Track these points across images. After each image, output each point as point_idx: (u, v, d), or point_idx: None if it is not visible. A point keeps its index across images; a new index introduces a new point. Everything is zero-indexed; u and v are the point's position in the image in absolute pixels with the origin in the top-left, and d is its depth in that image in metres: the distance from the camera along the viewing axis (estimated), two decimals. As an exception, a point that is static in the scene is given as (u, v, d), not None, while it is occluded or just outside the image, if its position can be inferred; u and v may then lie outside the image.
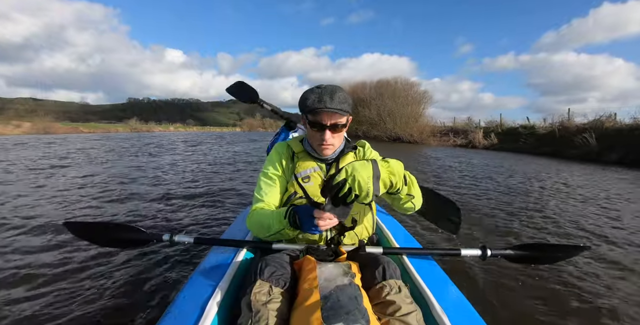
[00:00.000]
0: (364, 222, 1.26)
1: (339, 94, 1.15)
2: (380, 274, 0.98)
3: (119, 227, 1.35)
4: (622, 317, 1.69)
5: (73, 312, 1.63)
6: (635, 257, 2.51)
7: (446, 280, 1.14)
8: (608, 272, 2.20)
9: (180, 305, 0.93)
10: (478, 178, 6.59)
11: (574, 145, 12.02)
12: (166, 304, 1.63)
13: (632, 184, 6.26)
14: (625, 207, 4.24)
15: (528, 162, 10.13)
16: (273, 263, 0.99)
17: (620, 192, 5.30)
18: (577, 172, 7.93)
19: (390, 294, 0.91)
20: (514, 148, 14.85)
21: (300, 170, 1.24)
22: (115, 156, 9.48)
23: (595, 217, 3.69)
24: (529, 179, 6.50)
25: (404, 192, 1.03)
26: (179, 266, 2.11)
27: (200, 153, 11.43)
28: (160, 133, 37.69)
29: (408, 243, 1.45)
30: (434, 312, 0.93)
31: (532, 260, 1.30)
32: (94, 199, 4.07)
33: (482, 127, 18.70)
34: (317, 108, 1.12)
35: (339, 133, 1.19)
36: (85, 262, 2.15)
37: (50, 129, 27.06)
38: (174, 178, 5.76)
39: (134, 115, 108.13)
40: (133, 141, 17.37)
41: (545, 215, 3.73)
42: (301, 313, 0.82)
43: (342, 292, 0.84)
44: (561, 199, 4.73)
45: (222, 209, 3.62)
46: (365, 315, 0.77)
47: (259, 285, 0.90)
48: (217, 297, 0.95)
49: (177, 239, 1.27)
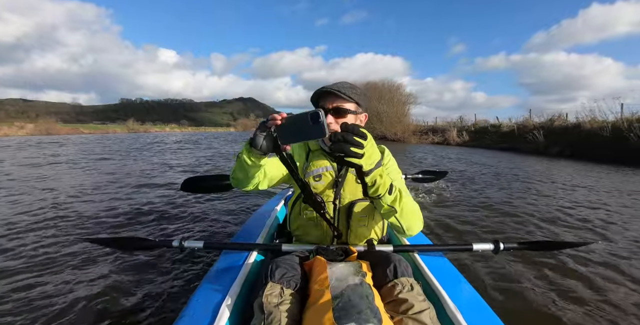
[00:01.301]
0: (374, 223, 1.25)
1: (345, 83, 1.18)
2: (392, 272, 0.97)
3: (127, 240, 1.41)
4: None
5: (88, 318, 1.65)
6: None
7: (459, 277, 1.13)
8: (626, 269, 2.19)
9: (193, 309, 0.93)
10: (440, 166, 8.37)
11: (526, 141, 13.94)
12: (179, 308, 1.65)
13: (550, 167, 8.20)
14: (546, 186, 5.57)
15: (487, 156, 11.54)
16: (283, 265, 0.99)
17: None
18: (519, 160, 10.27)
19: (403, 292, 0.91)
20: (481, 144, 16.83)
21: (313, 169, 1.23)
22: (125, 156, 10.04)
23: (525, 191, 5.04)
24: (475, 163, 8.35)
25: (386, 200, 1.00)
26: (191, 270, 2.14)
27: (206, 150, 11.98)
28: (159, 133, 38.13)
29: (419, 240, 1.44)
30: (447, 309, 0.92)
31: (543, 248, 1.33)
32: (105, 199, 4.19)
33: (457, 126, 20.50)
34: (320, 90, 1.16)
35: (343, 119, 1.16)
36: (98, 270, 2.18)
37: (53, 130, 27.48)
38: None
39: (126, 116, 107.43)
40: (136, 142, 17.81)
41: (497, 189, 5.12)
42: (313, 314, 0.82)
43: (353, 291, 0.84)
44: (506, 180, 6.19)
45: (232, 212, 3.62)
46: (377, 314, 0.77)
47: (270, 287, 0.91)
48: (229, 300, 0.95)
49: (187, 244, 1.28)
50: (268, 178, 1.20)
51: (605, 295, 1.84)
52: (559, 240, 2.08)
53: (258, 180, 1.16)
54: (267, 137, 0.94)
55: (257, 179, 1.15)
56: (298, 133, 0.86)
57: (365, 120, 1.25)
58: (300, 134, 0.86)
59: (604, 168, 8.33)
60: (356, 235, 1.23)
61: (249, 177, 1.11)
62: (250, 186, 1.17)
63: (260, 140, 0.95)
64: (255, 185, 1.17)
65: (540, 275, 2.04)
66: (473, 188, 5.19)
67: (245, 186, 1.17)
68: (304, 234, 1.27)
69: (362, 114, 1.22)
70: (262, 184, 1.20)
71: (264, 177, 1.18)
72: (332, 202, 1.19)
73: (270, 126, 0.90)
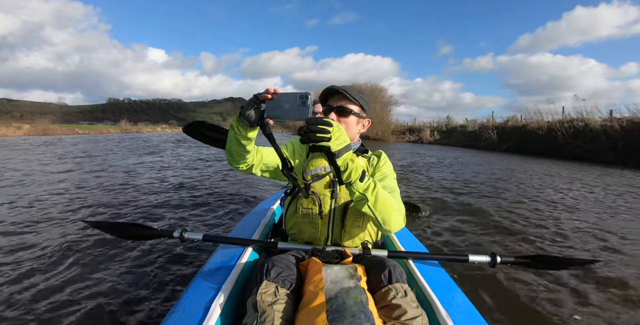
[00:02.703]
0: (368, 225, 1.26)
1: (354, 87, 1.23)
2: (386, 277, 0.97)
3: (131, 226, 1.44)
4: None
5: (79, 306, 1.63)
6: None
7: (452, 286, 1.13)
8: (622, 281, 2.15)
9: (185, 304, 0.93)
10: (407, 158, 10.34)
11: (483, 139, 16.48)
12: (172, 301, 1.66)
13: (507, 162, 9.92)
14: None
15: (448, 151, 14.21)
16: (279, 264, 0.98)
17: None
18: (470, 154, 12.50)
19: (396, 297, 0.91)
20: (449, 142, 19.50)
21: (312, 168, 1.24)
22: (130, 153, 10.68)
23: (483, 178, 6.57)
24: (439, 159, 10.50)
25: (358, 187, 1.00)
26: (187, 263, 2.14)
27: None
28: (154, 133, 38.89)
29: (414, 247, 1.44)
30: (439, 316, 0.92)
31: (541, 267, 1.32)
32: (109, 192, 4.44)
33: (431, 127, 23.52)
34: (328, 89, 1.21)
35: (346, 119, 1.19)
36: (94, 258, 2.19)
37: (49, 130, 27.88)
38: (184, 175, 6.13)
39: (114, 116, 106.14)
40: (138, 141, 18.51)
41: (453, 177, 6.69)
42: (306, 314, 0.82)
43: (347, 294, 0.84)
44: (459, 168, 8.13)
45: (231, 207, 3.67)
46: (370, 319, 0.77)
47: (265, 286, 0.90)
48: (221, 296, 0.94)
49: (187, 236, 1.30)
50: (263, 163, 1.21)
51: (606, 307, 1.82)
52: (559, 255, 2.05)
53: (252, 162, 1.16)
54: (255, 109, 0.96)
55: (250, 160, 1.15)
56: (284, 110, 0.89)
57: (368, 126, 1.28)
58: (287, 111, 0.89)
59: (537, 159, 10.68)
60: (350, 235, 1.23)
61: (240, 152, 1.11)
62: (242, 165, 1.16)
63: (249, 111, 0.96)
64: (248, 166, 1.17)
65: (536, 287, 2.03)
66: (428, 173, 7.13)
67: (237, 163, 1.16)
68: (299, 232, 1.27)
69: (366, 119, 1.26)
70: (256, 168, 1.20)
71: (259, 161, 1.18)
72: (328, 201, 1.21)
73: (262, 99, 0.91)
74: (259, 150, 1.19)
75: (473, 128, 18.83)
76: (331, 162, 0.93)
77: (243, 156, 1.12)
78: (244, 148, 1.08)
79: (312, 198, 1.21)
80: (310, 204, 1.21)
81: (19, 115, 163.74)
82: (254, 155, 1.16)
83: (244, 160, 1.14)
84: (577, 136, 11.54)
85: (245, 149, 1.09)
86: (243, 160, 1.14)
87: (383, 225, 1.08)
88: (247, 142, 1.06)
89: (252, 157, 1.15)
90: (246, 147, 1.08)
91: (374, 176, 1.24)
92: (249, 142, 1.07)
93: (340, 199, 1.21)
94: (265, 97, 0.90)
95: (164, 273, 2.00)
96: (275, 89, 0.91)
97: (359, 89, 1.24)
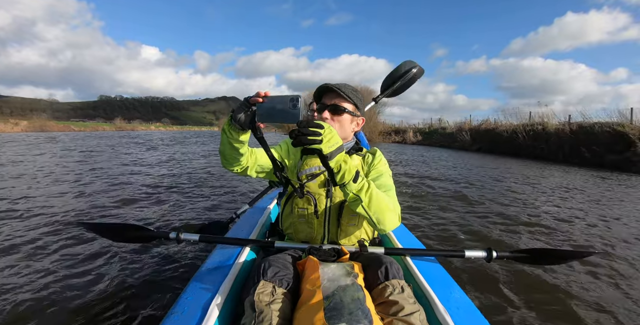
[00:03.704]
0: (364, 224, 1.27)
1: (348, 85, 1.22)
2: (383, 274, 0.97)
3: (126, 227, 1.42)
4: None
5: (75, 309, 1.63)
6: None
7: (449, 281, 1.14)
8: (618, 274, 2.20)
9: (183, 305, 0.93)
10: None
11: (457, 140, 18.11)
12: (170, 302, 1.65)
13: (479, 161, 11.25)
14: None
15: (428, 150, 16.01)
16: (276, 263, 0.98)
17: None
18: (446, 153, 14.16)
19: (393, 294, 0.91)
20: (429, 143, 20.98)
21: (306, 167, 1.24)
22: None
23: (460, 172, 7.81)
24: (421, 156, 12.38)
25: (351, 188, 1.00)
26: (184, 264, 2.13)
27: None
28: (149, 132, 39.74)
29: (411, 244, 1.46)
30: (437, 312, 0.93)
31: (538, 261, 1.32)
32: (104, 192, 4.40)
33: (413, 129, 25.09)
34: (322, 87, 1.21)
35: (340, 117, 1.20)
36: (90, 260, 2.17)
37: (46, 126, 28.62)
38: (180, 173, 6.20)
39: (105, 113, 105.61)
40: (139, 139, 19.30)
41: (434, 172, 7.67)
42: (304, 313, 0.82)
43: (344, 292, 0.84)
44: (435, 164, 9.44)
45: (226, 209, 3.67)
46: (368, 316, 0.78)
47: (263, 286, 0.90)
48: (219, 297, 0.95)
49: (183, 236, 1.30)
50: (258, 165, 1.22)
51: (602, 303, 1.83)
52: (554, 248, 2.05)
53: (246, 164, 1.17)
54: (246, 113, 0.95)
55: (244, 162, 1.16)
56: (275, 114, 0.88)
57: (362, 124, 1.29)
58: (277, 114, 0.88)
59: (504, 158, 12.25)
60: (346, 234, 1.24)
61: (233, 156, 1.11)
62: (236, 168, 1.17)
63: (240, 114, 0.96)
64: (242, 168, 1.18)
65: (533, 281, 2.05)
66: (410, 167, 8.49)
67: (231, 166, 1.17)
68: (295, 232, 1.27)
69: (360, 118, 1.26)
70: (251, 170, 1.21)
71: (253, 163, 1.19)
72: (323, 200, 1.21)
73: (253, 102, 0.91)
74: (253, 152, 1.19)
75: (451, 130, 20.33)
76: (324, 164, 0.92)
77: (237, 159, 1.13)
78: (237, 151, 1.09)
79: (307, 198, 1.20)
80: (306, 204, 1.21)
81: (9, 111, 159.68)
82: (248, 157, 1.16)
83: (238, 163, 1.15)
84: (536, 138, 12.95)
85: (239, 152, 1.09)
86: (237, 163, 1.15)
87: (378, 225, 1.09)
88: (240, 145, 1.07)
89: (246, 160, 1.15)
90: (239, 150, 1.08)
91: (370, 174, 1.24)
92: (242, 145, 1.07)
93: (335, 198, 1.21)
94: (255, 100, 0.90)
95: (161, 275, 2.00)
96: (266, 92, 0.90)
97: (353, 87, 1.23)
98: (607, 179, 7.08)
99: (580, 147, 10.88)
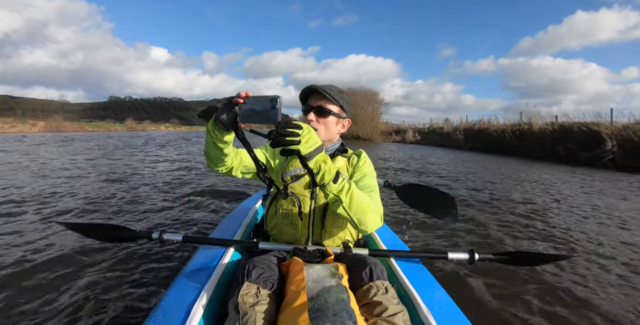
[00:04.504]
0: (348, 226, 1.27)
1: (334, 86, 1.22)
2: (367, 275, 0.98)
3: (108, 227, 1.42)
4: (612, 322, 1.70)
5: (53, 309, 1.60)
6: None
7: (432, 282, 1.15)
8: (596, 274, 2.24)
9: (165, 307, 0.93)
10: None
11: (451, 139, 19.06)
12: (152, 304, 1.64)
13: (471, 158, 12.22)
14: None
15: (418, 149, 17.25)
16: (260, 265, 0.99)
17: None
18: (437, 152, 15.27)
19: (377, 294, 0.92)
20: (427, 142, 22.02)
21: (291, 169, 1.24)
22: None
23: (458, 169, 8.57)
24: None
25: (331, 189, 1.01)
26: (167, 265, 2.10)
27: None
28: (160, 132, 40.57)
29: (395, 245, 1.46)
30: (420, 312, 0.94)
31: (519, 263, 1.33)
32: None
33: (414, 128, 26.08)
34: (307, 88, 1.21)
35: (325, 119, 1.20)
36: (68, 260, 2.13)
37: (62, 127, 30.23)
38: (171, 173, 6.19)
39: (115, 114, 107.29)
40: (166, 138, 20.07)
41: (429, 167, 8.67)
42: (288, 315, 0.83)
43: (329, 293, 0.85)
44: (431, 160, 10.66)
45: (210, 209, 3.63)
46: (352, 317, 0.78)
47: (247, 287, 0.91)
48: (203, 298, 0.95)
49: (167, 237, 1.30)
50: (243, 165, 1.23)
51: (586, 304, 1.86)
52: (537, 251, 2.17)
53: (231, 164, 1.19)
54: (229, 113, 0.96)
55: (229, 162, 1.17)
56: (256, 114, 0.90)
57: (348, 126, 1.29)
58: (258, 115, 0.90)
59: (490, 156, 13.34)
60: (330, 235, 1.25)
61: (218, 156, 1.13)
62: (221, 168, 1.19)
63: (223, 115, 0.97)
64: (227, 168, 1.20)
65: (514, 282, 2.08)
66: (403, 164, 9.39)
67: (216, 166, 1.18)
68: (279, 233, 1.28)
69: (346, 119, 1.26)
70: (236, 171, 1.23)
71: (238, 164, 1.21)
72: (308, 201, 1.21)
73: (235, 103, 0.92)
74: (238, 152, 1.20)
75: (447, 130, 21.16)
76: (303, 164, 0.93)
77: (221, 159, 1.14)
78: (222, 151, 1.10)
79: (291, 199, 1.21)
80: (290, 205, 1.21)
81: (21, 112, 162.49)
82: (233, 158, 1.17)
83: (223, 163, 1.16)
84: (522, 138, 13.89)
85: (223, 152, 1.11)
86: (222, 163, 1.16)
87: (359, 226, 1.09)
88: (224, 145, 1.08)
89: (231, 160, 1.17)
90: (223, 150, 1.10)
91: (354, 175, 1.24)
92: (226, 145, 1.08)
93: (320, 199, 1.21)
94: (237, 101, 0.91)
95: (142, 276, 1.96)
96: (247, 92, 0.91)
97: (338, 88, 1.23)
98: (575, 174, 7.92)
99: (556, 145, 11.88)
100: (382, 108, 28.79)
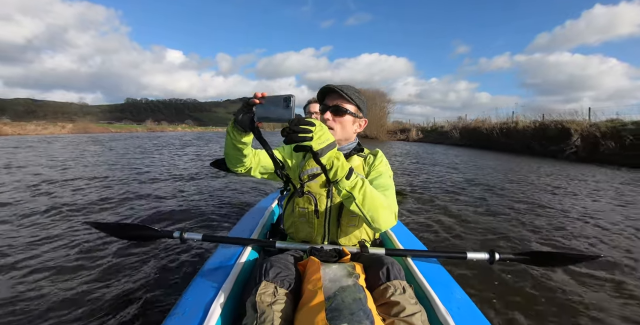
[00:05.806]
0: (364, 225, 1.26)
1: (351, 86, 1.22)
2: (385, 274, 0.98)
3: (132, 226, 1.48)
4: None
5: (76, 307, 1.65)
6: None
7: (451, 282, 1.13)
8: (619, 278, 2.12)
9: (185, 306, 0.95)
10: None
11: (448, 137, 20.52)
12: (172, 302, 1.66)
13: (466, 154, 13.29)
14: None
15: (419, 146, 18.51)
16: (278, 264, 0.99)
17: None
18: (441, 149, 16.23)
19: (395, 294, 0.92)
20: (427, 140, 23.47)
21: (308, 168, 1.25)
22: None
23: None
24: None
25: (344, 185, 1.01)
26: (187, 263, 2.15)
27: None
28: (177, 133, 42.48)
29: (412, 245, 1.46)
30: (438, 313, 0.93)
31: (540, 264, 1.31)
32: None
33: (417, 127, 27.74)
34: (324, 88, 1.22)
35: (341, 118, 1.20)
36: (93, 258, 2.20)
37: (88, 128, 32.98)
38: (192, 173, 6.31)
39: (132, 115, 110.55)
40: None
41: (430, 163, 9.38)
42: (305, 314, 0.83)
43: (346, 293, 0.85)
44: (429, 156, 11.56)
45: (230, 207, 3.72)
46: (369, 316, 0.78)
47: (264, 286, 0.91)
48: (221, 297, 0.96)
49: (187, 236, 1.33)
50: (261, 166, 1.25)
51: (609, 308, 1.79)
52: (559, 251, 2.04)
53: (249, 165, 1.20)
54: (246, 115, 0.98)
55: (248, 163, 1.19)
56: (272, 113, 0.92)
57: (365, 126, 1.28)
58: (273, 114, 0.92)
59: (479, 151, 14.78)
60: (346, 234, 1.25)
61: (237, 157, 1.15)
62: (240, 168, 1.21)
63: (241, 117, 0.99)
64: (246, 169, 1.22)
65: (536, 283, 2.02)
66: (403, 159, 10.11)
67: (235, 167, 1.20)
68: (296, 231, 1.29)
69: (362, 119, 1.26)
70: (254, 171, 1.24)
71: (257, 164, 1.23)
72: (324, 200, 1.22)
73: (252, 104, 0.94)
74: (256, 153, 1.22)
75: (448, 128, 22.32)
76: (316, 160, 0.95)
77: (240, 160, 1.16)
78: (241, 152, 1.12)
79: (307, 197, 1.22)
80: (306, 203, 1.22)
81: (43, 114, 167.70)
82: (252, 158, 1.19)
83: (242, 164, 1.18)
84: (508, 135, 15.18)
85: (242, 153, 1.12)
86: (241, 164, 1.18)
87: (372, 223, 1.08)
88: (243, 146, 1.10)
89: (249, 161, 1.18)
90: (242, 151, 1.11)
91: (370, 174, 1.23)
92: (245, 146, 1.10)
93: (335, 198, 1.21)
94: (254, 102, 0.93)
95: (164, 274, 2.01)
96: (263, 92, 0.93)
97: (355, 88, 1.24)
98: (538, 165, 8.97)
99: (532, 141, 13.20)
100: (390, 108, 30.30)
